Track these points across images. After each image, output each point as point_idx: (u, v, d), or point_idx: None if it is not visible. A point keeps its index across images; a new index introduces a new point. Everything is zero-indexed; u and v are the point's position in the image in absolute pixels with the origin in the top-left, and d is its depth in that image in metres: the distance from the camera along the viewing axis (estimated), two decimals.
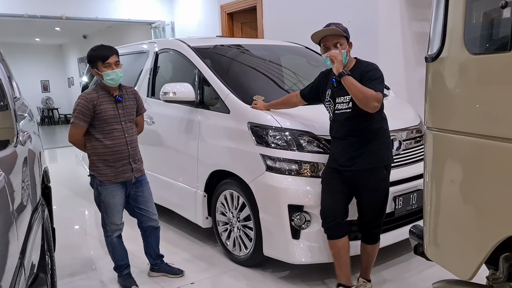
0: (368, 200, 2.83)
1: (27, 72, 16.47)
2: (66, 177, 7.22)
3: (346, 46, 2.78)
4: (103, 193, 3.07)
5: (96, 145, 3.01)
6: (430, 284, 2.29)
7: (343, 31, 2.78)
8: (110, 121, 2.99)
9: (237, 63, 4.24)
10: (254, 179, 3.16)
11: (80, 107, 2.94)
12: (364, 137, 2.75)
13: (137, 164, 3.15)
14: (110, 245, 3.21)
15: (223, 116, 3.48)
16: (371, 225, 2.90)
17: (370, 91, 2.62)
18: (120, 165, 3.05)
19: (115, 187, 3.07)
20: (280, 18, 6.32)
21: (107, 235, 3.19)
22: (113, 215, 3.11)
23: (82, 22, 9.30)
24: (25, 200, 1.92)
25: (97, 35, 13.82)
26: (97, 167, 3.04)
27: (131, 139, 3.09)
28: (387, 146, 2.84)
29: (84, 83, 6.39)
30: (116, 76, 2.99)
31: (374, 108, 2.64)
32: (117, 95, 3.05)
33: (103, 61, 2.96)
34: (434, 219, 2.03)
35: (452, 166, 1.93)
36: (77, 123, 2.96)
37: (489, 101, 1.70)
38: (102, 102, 2.97)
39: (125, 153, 3.05)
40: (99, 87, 3.05)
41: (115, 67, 2.98)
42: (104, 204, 3.10)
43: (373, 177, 2.78)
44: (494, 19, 1.82)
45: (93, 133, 3.00)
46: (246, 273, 3.40)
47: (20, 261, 1.59)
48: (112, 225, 3.14)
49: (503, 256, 1.80)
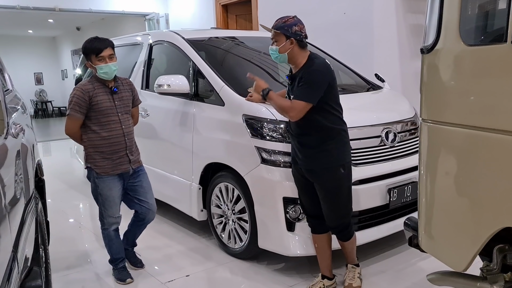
0: (322, 199, 2.81)
1: (20, 64, 16.32)
2: (60, 170, 7.17)
3: (282, 42, 2.68)
4: (100, 185, 3.06)
5: (92, 137, 2.99)
6: (424, 275, 2.31)
7: (278, 28, 2.69)
8: (107, 113, 2.97)
9: (231, 55, 4.21)
10: (249, 171, 3.15)
11: (76, 99, 2.92)
12: (317, 136, 2.71)
13: (134, 155, 3.14)
14: (106, 238, 3.21)
15: (218, 108, 3.47)
16: (333, 229, 2.89)
17: (285, 104, 2.70)
18: (117, 157, 3.03)
19: (112, 179, 3.06)
20: (275, 10, 6.28)
21: (104, 228, 3.18)
22: (110, 207, 3.10)
23: (75, 14, 9.22)
24: (18, 193, 1.90)
25: (90, 27, 13.70)
26: (94, 159, 3.02)
27: (128, 130, 3.08)
28: (343, 145, 2.78)
29: (77, 75, 6.35)
30: (110, 69, 2.96)
31: (292, 118, 2.69)
32: (112, 86, 3.03)
33: (96, 54, 2.93)
34: (428, 211, 2.04)
35: (446, 158, 1.93)
36: (73, 115, 2.94)
37: (484, 93, 1.70)
38: (97, 94, 2.95)
39: (122, 145, 3.04)
40: (94, 78, 3.03)
41: (109, 60, 2.95)
42: (102, 197, 3.09)
43: (327, 177, 2.75)
44: (490, 11, 1.82)
45: (89, 125, 2.98)
46: (241, 265, 3.40)
47: (13, 254, 1.58)
48: (110, 218, 3.13)
49: (497, 248, 1.81)
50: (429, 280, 2.14)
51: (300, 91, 2.63)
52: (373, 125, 3.25)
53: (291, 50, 2.69)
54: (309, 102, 2.62)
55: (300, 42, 2.71)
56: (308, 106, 2.62)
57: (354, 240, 2.96)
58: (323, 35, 5.19)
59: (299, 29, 2.70)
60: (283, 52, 2.70)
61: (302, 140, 2.77)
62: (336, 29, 5.46)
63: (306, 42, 2.76)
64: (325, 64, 2.71)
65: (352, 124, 2.94)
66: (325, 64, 2.71)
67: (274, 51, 2.74)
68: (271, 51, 2.78)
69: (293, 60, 2.73)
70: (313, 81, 2.62)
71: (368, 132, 3.20)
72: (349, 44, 5.31)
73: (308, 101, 2.62)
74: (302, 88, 2.63)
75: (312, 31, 2.81)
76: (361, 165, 3.11)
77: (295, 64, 2.75)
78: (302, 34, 2.72)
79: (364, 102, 3.77)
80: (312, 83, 2.62)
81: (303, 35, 2.72)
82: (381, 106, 3.75)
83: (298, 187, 2.93)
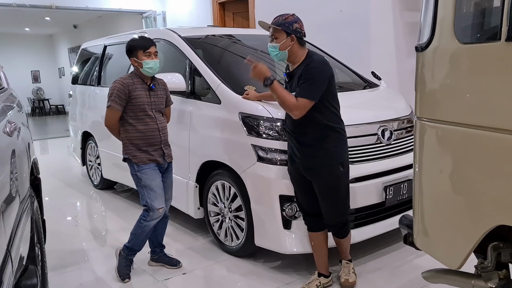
0: (321, 197, 2.82)
1: (17, 62, 16.30)
2: (57, 168, 7.17)
3: (283, 39, 2.68)
4: (143, 177, 3.11)
5: (129, 129, 3.10)
6: (419, 273, 2.31)
7: (279, 24, 2.68)
8: (144, 107, 3.08)
9: (228, 53, 4.21)
10: (246, 169, 3.15)
11: (116, 91, 3.03)
12: (316, 134, 2.71)
13: (168, 150, 3.23)
14: (142, 229, 3.14)
15: (214, 106, 3.47)
16: (332, 227, 2.91)
17: (290, 101, 2.62)
18: (152, 150, 3.12)
19: (153, 170, 3.13)
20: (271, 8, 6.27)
21: (147, 220, 3.12)
22: (156, 198, 3.12)
23: (72, 11, 9.19)
24: (13, 191, 1.89)
25: (87, 25, 13.64)
26: (130, 150, 3.12)
27: (162, 126, 3.18)
28: (341, 143, 2.78)
29: (74, 73, 6.34)
30: (155, 65, 3.08)
31: (295, 116, 2.64)
32: (150, 83, 3.14)
33: (144, 50, 3.06)
34: (423, 209, 2.04)
35: (441, 156, 1.93)
36: (113, 106, 3.04)
37: (479, 91, 1.70)
38: (136, 88, 3.07)
39: (157, 139, 3.13)
40: (133, 74, 3.14)
41: (154, 57, 3.08)
42: (147, 188, 3.12)
43: (326, 175, 2.75)
44: (484, 9, 1.81)
45: (126, 118, 3.09)
46: (237, 263, 3.41)
47: (7, 253, 1.58)
48: (157, 211, 3.10)
49: (491, 245, 1.81)
50: (424, 277, 2.15)
51: (302, 89, 2.62)
52: (369, 123, 3.25)
53: (291, 47, 2.69)
54: (312, 99, 2.61)
55: (300, 40, 2.71)
56: (311, 103, 2.61)
57: (350, 236, 2.98)
58: (320, 33, 5.19)
59: (299, 27, 2.71)
60: (283, 49, 2.70)
61: (300, 139, 2.76)
62: (333, 27, 5.46)
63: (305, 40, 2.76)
64: (324, 61, 2.71)
65: (348, 122, 2.94)
66: (324, 61, 2.71)
67: (274, 48, 2.73)
68: (270, 48, 2.76)
69: (292, 57, 2.73)
70: (314, 78, 2.61)
71: (364, 130, 3.21)
72: (346, 42, 5.31)
73: (311, 99, 2.61)
74: (304, 86, 2.61)
75: (308, 29, 2.81)
76: (357, 163, 3.12)
77: (294, 62, 2.74)
78: (302, 31, 2.72)
79: (360, 100, 3.78)
80: (314, 80, 2.61)
81: (303, 33, 2.73)
82: (378, 104, 3.75)
83: (295, 186, 2.93)
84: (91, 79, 5.62)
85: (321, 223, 2.91)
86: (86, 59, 6.09)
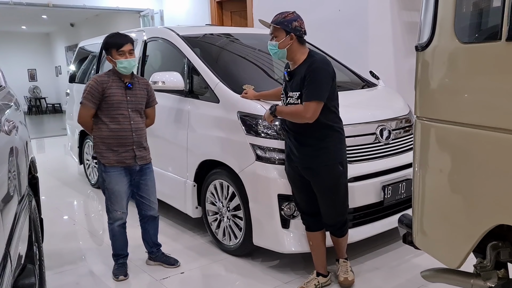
0: (320, 197, 2.82)
1: (13, 61, 16.22)
2: (54, 167, 7.14)
3: (282, 38, 2.68)
4: (107, 179, 3.10)
5: (101, 127, 3.06)
6: (417, 272, 2.32)
7: (278, 22, 2.68)
8: (117, 106, 3.04)
9: (226, 52, 4.20)
10: (244, 168, 3.15)
11: (89, 88, 3.01)
12: (316, 135, 2.71)
13: (142, 152, 3.17)
14: (111, 232, 3.24)
15: (213, 105, 3.46)
16: (331, 226, 2.91)
17: (298, 110, 2.64)
18: (123, 151, 3.08)
19: (119, 174, 3.10)
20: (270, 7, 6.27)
21: (109, 223, 3.21)
22: (116, 202, 3.13)
23: (69, 10, 9.17)
24: (11, 190, 1.89)
25: (84, 24, 13.59)
26: (100, 150, 3.09)
27: (137, 126, 3.12)
28: (340, 142, 2.79)
29: (71, 71, 6.32)
30: (129, 64, 3.05)
31: (308, 120, 2.63)
32: (128, 82, 3.10)
33: (117, 49, 3.02)
34: (422, 208, 2.04)
35: (441, 156, 1.93)
36: (85, 103, 3.02)
37: (479, 91, 1.70)
38: (111, 86, 3.03)
39: (129, 139, 3.09)
40: (111, 72, 3.10)
41: (129, 55, 3.04)
42: (108, 191, 3.13)
43: (326, 175, 2.75)
44: (484, 8, 1.81)
45: (100, 116, 3.06)
46: (236, 262, 3.40)
47: (6, 252, 1.57)
48: (115, 212, 3.15)
49: (490, 245, 1.81)
50: (423, 277, 2.15)
51: (309, 91, 2.61)
52: (367, 122, 3.25)
53: (291, 45, 2.69)
54: (320, 100, 2.61)
55: (300, 38, 2.71)
56: (320, 104, 2.61)
57: (347, 235, 2.98)
58: (318, 32, 5.17)
59: (298, 25, 2.70)
60: (282, 47, 2.69)
61: (300, 138, 2.76)
62: (331, 26, 5.46)
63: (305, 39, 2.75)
64: (326, 60, 2.71)
65: (347, 121, 2.94)
66: (326, 61, 2.71)
67: (273, 46, 2.72)
68: (270, 47, 2.76)
69: (292, 56, 2.72)
70: (319, 79, 2.61)
71: (362, 129, 3.21)
72: (344, 42, 5.31)
73: (320, 100, 2.61)
74: (310, 88, 2.60)
75: (307, 28, 2.80)
76: (355, 162, 3.11)
77: (294, 60, 2.74)
78: (302, 30, 2.71)
79: (358, 99, 3.78)
80: (319, 82, 2.61)
81: (303, 31, 2.72)
82: (376, 104, 3.76)
83: (293, 185, 2.93)
84: (89, 78, 5.59)
85: (319, 222, 2.91)
86: (83, 58, 6.07)
